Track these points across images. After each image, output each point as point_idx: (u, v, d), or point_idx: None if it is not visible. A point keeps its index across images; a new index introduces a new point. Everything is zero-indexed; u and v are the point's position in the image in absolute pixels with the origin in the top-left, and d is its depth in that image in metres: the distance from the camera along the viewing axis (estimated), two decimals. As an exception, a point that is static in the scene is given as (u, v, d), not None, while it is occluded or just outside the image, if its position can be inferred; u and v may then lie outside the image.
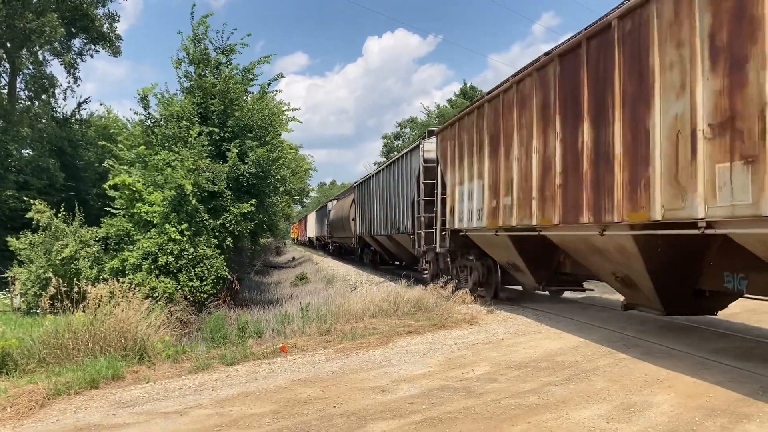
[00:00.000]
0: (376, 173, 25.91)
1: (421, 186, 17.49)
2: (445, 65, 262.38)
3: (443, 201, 15.93)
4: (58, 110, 31.52)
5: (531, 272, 12.28)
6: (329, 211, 43.49)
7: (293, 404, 6.30)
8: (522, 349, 8.66)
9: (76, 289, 10.26)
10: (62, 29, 25.82)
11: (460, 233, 14.53)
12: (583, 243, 9.52)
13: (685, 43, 6.72)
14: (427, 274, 17.72)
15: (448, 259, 16.11)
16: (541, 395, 6.25)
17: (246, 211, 16.81)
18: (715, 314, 9.14)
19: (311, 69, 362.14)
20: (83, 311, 9.21)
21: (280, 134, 20.03)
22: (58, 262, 15.52)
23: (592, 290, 13.43)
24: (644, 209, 7.43)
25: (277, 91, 20.90)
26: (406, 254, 22.10)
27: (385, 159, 57.07)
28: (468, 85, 59.70)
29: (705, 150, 6.36)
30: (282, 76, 26.86)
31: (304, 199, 77.71)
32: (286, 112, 19.97)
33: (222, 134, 17.70)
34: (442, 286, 13.93)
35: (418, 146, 18.21)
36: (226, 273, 16.24)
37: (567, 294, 14.65)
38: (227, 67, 18.71)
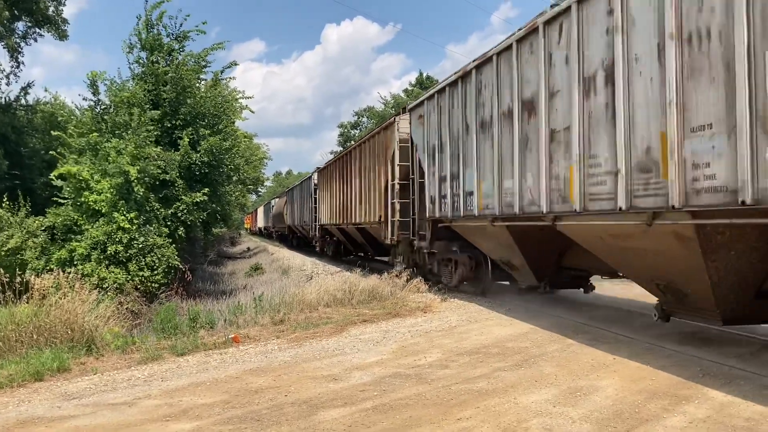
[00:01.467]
0: (296, 186, 39.74)
1: (313, 197, 30.07)
2: (404, 54, 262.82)
3: (318, 209, 28.93)
4: (1, 95, 30.38)
5: (350, 244, 25.13)
6: (272, 207, 56.88)
7: (244, 394, 6.26)
8: (474, 336, 8.78)
9: (19, 280, 9.94)
10: (6, 12, 24.86)
11: (324, 226, 27.72)
12: (351, 231, 22.16)
13: (355, 166, 20.53)
14: (318, 249, 30.81)
15: (327, 239, 28.98)
16: (490, 380, 6.35)
17: (198, 200, 16.56)
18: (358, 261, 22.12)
19: (268, 56, 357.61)
20: (27, 302, 8.96)
21: (233, 122, 19.76)
22: (2, 253, 15.03)
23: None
24: (355, 219, 20.30)
25: (230, 78, 20.62)
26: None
27: (342, 148, 57.50)
28: (424, 75, 59.50)
29: (360, 202, 19.57)
30: (236, 64, 26.48)
31: (259, 189, 76.90)
32: (239, 100, 19.71)
33: (174, 122, 17.36)
34: (397, 275, 14.01)
35: (311, 177, 31.54)
36: (178, 263, 15.98)
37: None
38: (180, 54, 18.34)
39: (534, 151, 8.99)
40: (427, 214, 13.59)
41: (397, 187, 15.52)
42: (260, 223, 72.98)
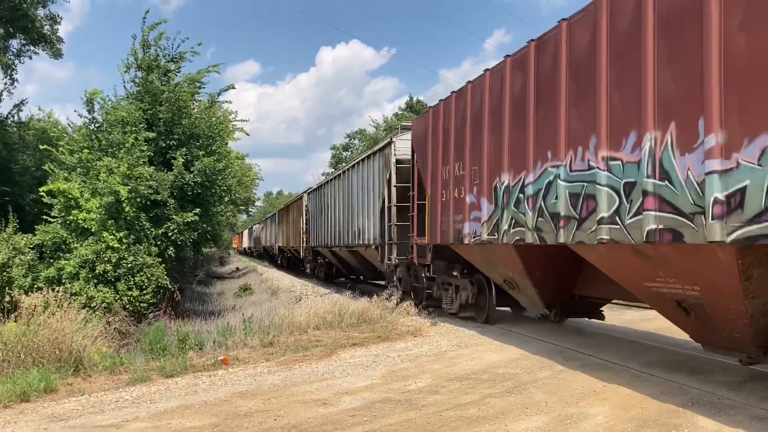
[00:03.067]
0: (267, 218, 53.40)
1: (277, 227, 41.66)
2: (398, 79, 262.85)
3: (278, 235, 40.09)
4: (-6, 112, 30.22)
5: (295, 258, 37.60)
6: (254, 231, 70.78)
7: (233, 417, 6.22)
8: (464, 362, 8.77)
9: (7, 299, 9.86)
10: (1, 29, 24.89)
11: (281, 247, 39.14)
12: (292, 249, 36.95)
13: (291, 213, 36.00)
14: (279, 262, 43.61)
15: (283, 255, 39.81)
16: (481, 407, 6.35)
17: (189, 220, 16.50)
18: (299, 269, 38.67)
19: (263, 77, 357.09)
20: (15, 321, 8.88)
21: (227, 143, 19.78)
22: (-11, 269, 14.87)
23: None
24: (292, 243, 35.55)
25: (225, 101, 20.67)
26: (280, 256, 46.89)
27: (333, 170, 58.21)
28: (414, 99, 60.81)
29: (294, 233, 34.16)
30: (233, 87, 26.63)
31: (250, 209, 76.81)
32: (234, 123, 19.75)
33: (168, 142, 17.34)
34: (386, 299, 13.99)
35: (275, 214, 45.16)
36: (167, 282, 15.89)
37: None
38: (177, 75, 18.37)
39: (337, 222, 22.43)
40: (310, 244, 28.78)
41: (305, 227, 29.85)
42: (245, 243, 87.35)
